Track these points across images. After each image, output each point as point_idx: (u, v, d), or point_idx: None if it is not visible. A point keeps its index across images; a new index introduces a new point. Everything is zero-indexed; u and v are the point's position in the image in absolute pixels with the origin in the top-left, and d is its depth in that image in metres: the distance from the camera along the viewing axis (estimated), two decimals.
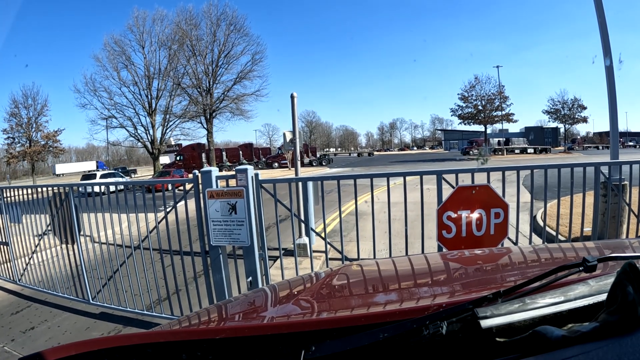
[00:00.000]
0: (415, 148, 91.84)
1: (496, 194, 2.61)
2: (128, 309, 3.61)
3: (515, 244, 3.10)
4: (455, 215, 2.59)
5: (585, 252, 1.17)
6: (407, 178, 3.14)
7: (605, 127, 62.87)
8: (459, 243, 2.59)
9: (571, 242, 3.28)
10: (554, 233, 5.20)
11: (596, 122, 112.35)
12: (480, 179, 2.76)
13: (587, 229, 4.04)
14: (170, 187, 6.70)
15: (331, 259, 5.26)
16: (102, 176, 21.46)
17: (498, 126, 49.45)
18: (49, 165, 46.67)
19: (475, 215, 2.58)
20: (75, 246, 3.89)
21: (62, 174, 45.72)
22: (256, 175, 3.12)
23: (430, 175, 2.92)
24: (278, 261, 5.36)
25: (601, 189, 3.73)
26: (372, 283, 1.19)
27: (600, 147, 55.75)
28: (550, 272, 0.66)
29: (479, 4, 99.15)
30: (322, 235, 3.62)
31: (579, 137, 54.41)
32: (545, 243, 4.07)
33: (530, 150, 46.23)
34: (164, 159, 36.76)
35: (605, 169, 3.74)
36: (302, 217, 5.61)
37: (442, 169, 2.93)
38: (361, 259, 3.51)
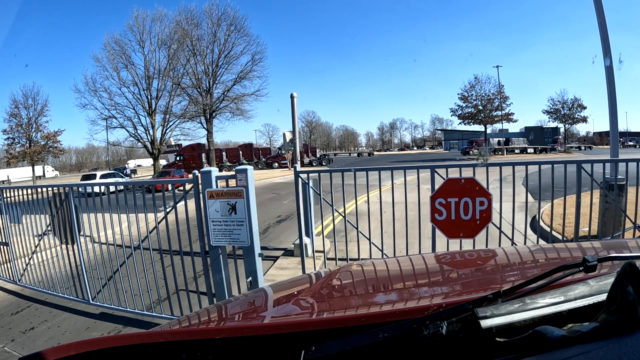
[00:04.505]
0: (415, 148, 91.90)
1: (481, 185, 3.01)
2: (128, 309, 3.61)
3: (513, 243, 3.33)
4: (446, 202, 3.04)
5: (585, 252, 1.17)
6: (408, 178, 3.48)
7: (605, 126, 62.90)
8: (449, 224, 3.04)
9: (570, 242, 3.31)
10: (547, 229, 5.24)
11: (596, 122, 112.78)
12: (479, 175, 3.13)
13: (586, 229, 4.06)
14: (170, 187, 6.71)
15: (331, 259, 5.26)
16: (102, 176, 21.46)
17: (498, 126, 49.32)
18: None
19: (462, 202, 3.01)
20: (75, 246, 3.89)
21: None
22: (295, 167, 3.83)
23: (426, 170, 3.37)
24: (278, 261, 5.36)
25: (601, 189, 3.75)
26: (372, 283, 1.19)
27: (583, 148, 54.57)
28: (550, 272, 0.66)
29: (478, 5, 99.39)
30: (323, 235, 3.63)
31: (560, 137, 51.27)
32: (545, 243, 4.08)
33: (530, 150, 46.18)
34: (162, 161, 36.52)
35: (607, 170, 3.77)
36: (302, 218, 5.62)
37: (437, 164, 3.34)
38: (361, 259, 3.53)
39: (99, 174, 22.24)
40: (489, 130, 46.67)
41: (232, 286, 3.40)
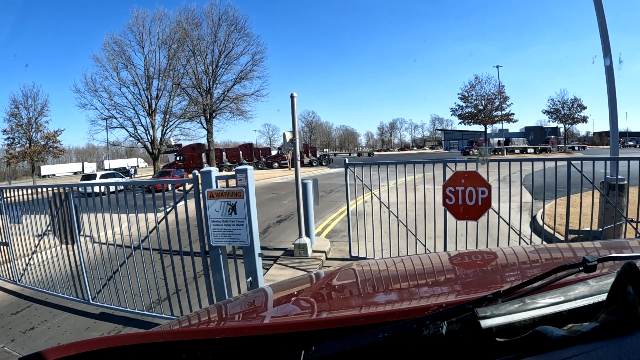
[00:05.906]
0: (415, 148, 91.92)
1: (482, 178, 3.72)
2: (128, 309, 3.61)
3: (508, 224, 3.85)
4: (454, 190, 3.81)
5: (585, 252, 1.17)
6: (409, 178, 4.11)
7: (605, 126, 62.84)
8: (457, 207, 3.80)
9: (570, 242, 3.35)
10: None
11: (596, 122, 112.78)
12: (482, 171, 3.81)
13: (587, 229, 4.08)
14: (170, 187, 6.70)
15: (331, 258, 5.26)
16: (102, 176, 21.43)
17: (498, 126, 49.25)
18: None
19: (467, 190, 3.72)
20: (75, 246, 3.89)
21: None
22: (344, 160, 4.66)
23: (436, 167, 4.21)
24: (278, 261, 5.36)
25: (601, 188, 3.76)
26: (372, 283, 1.19)
27: (577, 148, 53.59)
28: (550, 272, 0.66)
29: (477, 6, 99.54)
30: (324, 235, 3.64)
31: (552, 137, 50.11)
32: (545, 243, 4.10)
33: (530, 150, 46.15)
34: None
35: (602, 170, 3.81)
36: (302, 218, 5.61)
37: (446, 160, 4.18)
38: (361, 259, 3.55)
39: (98, 174, 22.20)
40: (489, 130, 46.63)
41: (232, 286, 3.40)
